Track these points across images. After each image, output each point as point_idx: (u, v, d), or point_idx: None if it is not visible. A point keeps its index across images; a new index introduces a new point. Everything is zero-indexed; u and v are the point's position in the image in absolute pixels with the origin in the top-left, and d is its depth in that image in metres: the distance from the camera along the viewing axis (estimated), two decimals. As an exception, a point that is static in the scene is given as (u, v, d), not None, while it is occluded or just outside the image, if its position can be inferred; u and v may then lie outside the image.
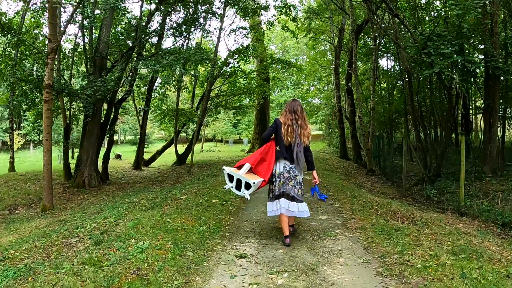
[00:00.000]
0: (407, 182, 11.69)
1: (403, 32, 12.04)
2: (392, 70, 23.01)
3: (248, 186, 3.96)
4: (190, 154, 14.21)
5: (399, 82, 24.81)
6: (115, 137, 51.33)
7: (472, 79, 9.03)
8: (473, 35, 8.42)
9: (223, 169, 4.20)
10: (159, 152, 21.24)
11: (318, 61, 23.71)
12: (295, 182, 4.09)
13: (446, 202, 8.39)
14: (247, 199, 4.06)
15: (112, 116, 14.86)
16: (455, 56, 7.74)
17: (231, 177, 4.12)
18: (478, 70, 8.69)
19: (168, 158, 21.45)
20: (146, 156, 21.74)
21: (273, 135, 4.22)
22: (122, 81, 11.53)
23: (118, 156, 24.39)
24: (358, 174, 12.37)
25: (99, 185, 12.63)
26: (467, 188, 9.31)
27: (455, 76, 7.80)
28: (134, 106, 21.08)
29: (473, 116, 19.27)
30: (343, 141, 17.70)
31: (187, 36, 15.64)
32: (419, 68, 9.77)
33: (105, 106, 13.71)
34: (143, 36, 11.15)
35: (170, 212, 5.06)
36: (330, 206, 5.74)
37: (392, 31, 10.82)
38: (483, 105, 18.61)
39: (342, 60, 19.80)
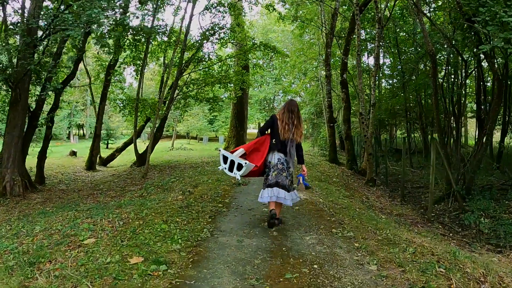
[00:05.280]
0: (421, 197, 9.37)
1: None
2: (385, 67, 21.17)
3: (240, 167, 4.17)
4: (147, 156, 11.34)
5: (390, 79, 23.01)
6: (84, 131, 47.33)
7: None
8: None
9: (219, 150, 4.50)
10: (120, 150, 18.15)
11: (304, 52, 21.18)
12: (287, 174, 4.41)
13: (493, 231, 6.03)
14: (237, 179, 4.37)
15: (51, 104, 11.93)
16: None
17: (225, 159, 4.32)
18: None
19: (132, 156, 18.40)
20: (107, 154, 18.67)
21: (269, 129, 4.48)
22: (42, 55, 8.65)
23: (73, 153, 21.10)
24: (357, 185, 9.92)
25: (25, 193, 9.62)
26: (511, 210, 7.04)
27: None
28: (91, 94, 18.10)
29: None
30: (333, 142, 15.22)
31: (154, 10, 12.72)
32: (451, 48, 7.37)
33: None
34: None
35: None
36: (359, 267, 3.16)
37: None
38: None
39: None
